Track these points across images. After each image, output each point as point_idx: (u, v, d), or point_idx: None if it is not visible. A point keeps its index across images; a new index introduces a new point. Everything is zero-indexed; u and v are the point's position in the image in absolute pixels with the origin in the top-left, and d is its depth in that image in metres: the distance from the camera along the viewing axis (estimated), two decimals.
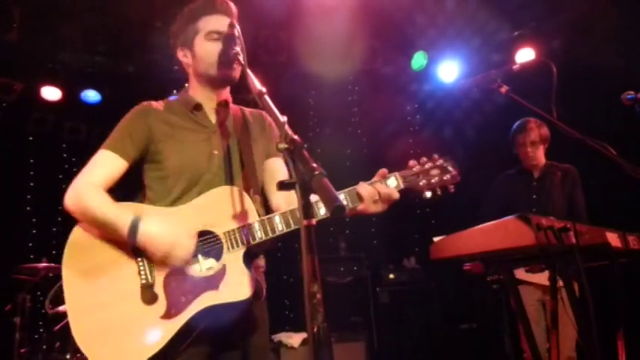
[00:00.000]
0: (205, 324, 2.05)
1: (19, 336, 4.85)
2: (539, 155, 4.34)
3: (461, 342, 6.73)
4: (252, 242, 2.07)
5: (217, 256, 2.09)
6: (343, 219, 2.00)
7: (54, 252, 6.31)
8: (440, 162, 2.15)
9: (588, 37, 5.98)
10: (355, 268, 6.99)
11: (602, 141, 2.55)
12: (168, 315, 2.02)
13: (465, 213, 5.32)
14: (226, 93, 2.42)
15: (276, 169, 2.41)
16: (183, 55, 2.37)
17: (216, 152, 2.27)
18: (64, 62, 6.64)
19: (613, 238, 2.56)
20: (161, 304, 2.03)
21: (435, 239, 2.65)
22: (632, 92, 2.61)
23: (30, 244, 6.68)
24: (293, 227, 2.07)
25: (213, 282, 2.04)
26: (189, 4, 2.37)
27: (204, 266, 2.08)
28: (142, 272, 2.07)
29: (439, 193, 2.12)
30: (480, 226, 2.46)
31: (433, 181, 2.11)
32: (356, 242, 7.32)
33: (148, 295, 2.05)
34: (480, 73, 2.93)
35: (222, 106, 2.39)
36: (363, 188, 2.07)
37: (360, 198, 2.07)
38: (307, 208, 1.52)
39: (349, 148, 7.91)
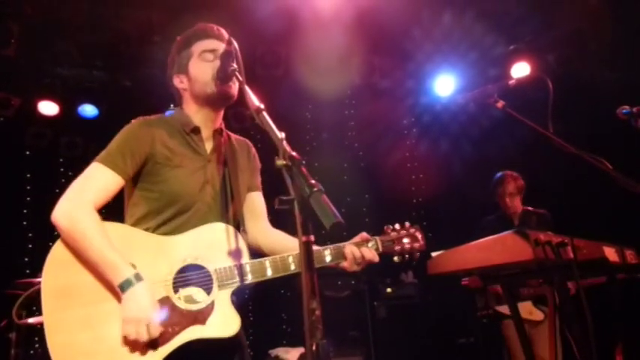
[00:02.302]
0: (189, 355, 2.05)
1: (15, 352, 4.80)
2: (517, 204, 4.93)
3: (459, 356, 6.70)
4: (242, 283, 2.12)
5: (207, 292, 2.10)
6: (341, 234, 2.03)
7: None
8: (412, 230, 2.40)
9: (583, 51, 6.04)
10: (353, 282, 6.96)
11: (597, 155, 2.56)
12: (153, 344, 2.00)
13: (462, 227, 5.33)
14: (221, 117, 2.41)
15: (257, 203, 2.48)
16: (179, 82, 2.36)
17: (208, 182, 2.28)
18: (62, 77, 6.65)
19: (610, 253, 2.56)
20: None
21: (433, 254, 2.65)
22: (627, 107, 2.63)
23: (26, 259, 6.64)
24: (282, 274, 2.16)
25: (201, 316, 2.06)
26: (182, 34, 2.39)
27: (193, 300, 2.09)
28: None
29: (407, 258, 2.38)
30: (478, 241, 2.47)
31: (404, 248, 2.36)
32: None
33: None
34: (476, 87, 2.94)
35: (218, 133, 2.39)
36: (349, 249, 2.26)
37: (344, 257, 2.26)
38: (306, 225, 1.52)
39: (346, 162, 7.91)
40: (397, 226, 2.39)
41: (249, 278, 2.12)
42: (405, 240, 2.36)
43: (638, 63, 5.55)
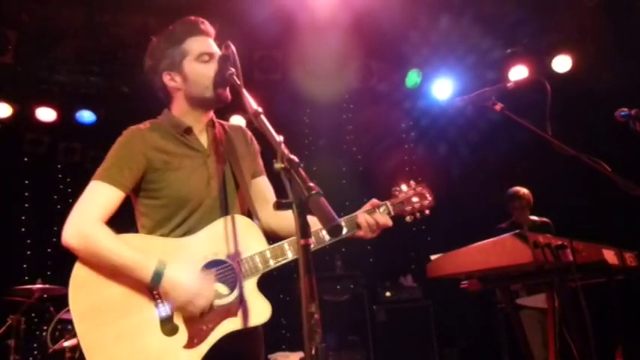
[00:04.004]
0: (224, 350, 2.07)
1: (14, 358, 4.79)
2: (526, 215, 5.54)
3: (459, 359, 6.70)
4: (265, 269, 2.14)
5: (232, 285, 2.11)
6: (339, 236, 2.06)
7: (49, 273, 6.26)
8: (419, 189, 2.41)
9: (581, 54, 6.05)
10: (352, 286, 6.95)
11: (596, 157, 2.56)
12: (191, 344, 2.04)
13: (460, 230, 5.33)
14: (212, 112, 2.40)
15: (264, 188, 2.45)
16: (170, 79, 2.28)
17: (213, 177, 2.26)
18: (59, 83, 6.65)
19: (610, 256, 2.56)
20: (182, 335, 2.05)
21: (433, 257, 2.65)
22: (625, 109, 2.62)
23: (24, 266, 6.62)
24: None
25: (231, 310, 2.09)
26: (169, 27, 2.33)
27: (221, 295, 2.11)
28: (160, 305, 2.07)
29: (418, 217, 2.39)
30: (478, 244, 2.46)
31: (414, 207, 2.37)
32: (352, 260, 7.29)
33: (168, 327, 2.05)
34: (474, 90, 2.93)
35: (210, 126, 2.37)
36: (362, 218, 2.25)
37: (358, 226, 2.25)
38: (304, 228, 1.52)
39: (344, 166, 7.92)
40: (404, 186, 2.40)
41: (272, 264, 2.14)
42: (414, 199, 2.38)
43: (636, 65, 5.57)
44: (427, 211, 2.39)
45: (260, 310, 2.11)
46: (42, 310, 5.40)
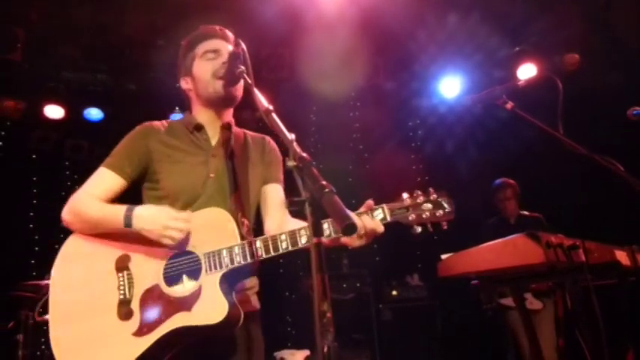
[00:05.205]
0: (186, 344, 2.03)
1: (22, 353, 4.82)
2: (513, 207, 5.51)
3: (465, 359, 6.67)
4: (230, 266, 2.03)
5: (195, 277, 2.05)
6: (353, 234, 1.86)
7: None
8: (433, 197, 2.04)
9: (590, 52, 6.01)
10: (358, 284, 6.94)
11: (608, 157, 2.53)
12: (139, 332, 2.02)
13: (468, 229, 5.31)
14: (229, 115, 2.41)
15: (272, 195, 2.42)
16: (185, 84, 2.40)
17: (212, 175, 2.27)
18: (67, 81, 6.68)
19: (622, 256, 2.54)
20: (135, 321, 2.04)
21: (443, 257, 2.63)
22: (637, 108, 2.61)
23: (32, 261, 6.65)
24: (272, 253, 2.03)
25: (187, 303, 2.01)
26: (186, 37, 2.42)
27: (180, 286, 2.06)
28: (122, 287, 2.09)
29: (430, 229, 2.04)
30: (489, 243, 2.45)
31: (424, 215, 2.02)
32: (359, 259, 7.27)
33: (124, 310, 2.07)
34: (482, 88, 2.92)
35: (225, 128, 2.39)
36: None
37: None
38: (317, 226, 1.51)
39: (351, 164, 7.90)
40: (418, 192, 2.05)
41: (238, 260, 2.02)
42: (426, 206, 2.02)
43: None
44: (444, 224, 2.04)
45: (212, 310, 1.96)
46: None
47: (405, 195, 2.05)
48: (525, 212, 5.51)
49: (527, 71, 6.27)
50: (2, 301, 5.04)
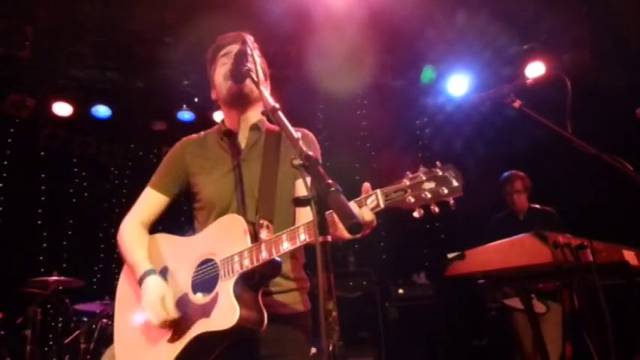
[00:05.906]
0: (224, 347, 2.05)
1: (30, 349, 4.87)
2: (523, 201, 5.18)
3: (471, 358, 6.66)
4: (240, 270, 2.00)
5: (215, 284, 2.07)
6: (358, 233, 1.78)
7: (64, 265, 6.34)
8: (438, 172, 1.77)
9: (599, 51, 5.97)
10: (364, 282, 6.93)
11: (616, 156, 2.51)
12: (172, 339, 2.12)
13: (476, 228, 5.29)
14: (256, 115, 2.37)
15: (303, 189, 2.35)
16: (213, 95, 2.44)
17: (243, 180, 2.28)
18: (76, 78, 6.72)
19: (630, 257, 2.52)
20: (170, 329, 2.14)
21: (450, 256, 2.62)
22: None
23: (41, 258, 6.70)
24: (275, 254, 1.97)
25: (207, 310, 2.05)
26: (208, 51, 2.45)
27: (202, 293, 2.11)
28: None
29: (435, 209, 1.74)
30: (496, 242, 2.44)
31: (424, 195, 1.74)
32: (365, 257, 7.27)
33: None
34: (490, 86, 2.91)
35: (254, 129, 2.36)
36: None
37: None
38: (323, 225, 1.51)
39: (358, 162, 7.88)
40: (422, 168, 1.81)
41: (246, 264, 1.99)
42: (427, 185, 1.74)
43: None
44: (451, 201, 1.73)
45: (224, 315, 1.96)
46: (57, 301, 5.50)
47: (406, 175, 1.81)
48: (537, 205, 5.21)
49: (535, 70, 6.24)
50: (11, 298, 5.09)
